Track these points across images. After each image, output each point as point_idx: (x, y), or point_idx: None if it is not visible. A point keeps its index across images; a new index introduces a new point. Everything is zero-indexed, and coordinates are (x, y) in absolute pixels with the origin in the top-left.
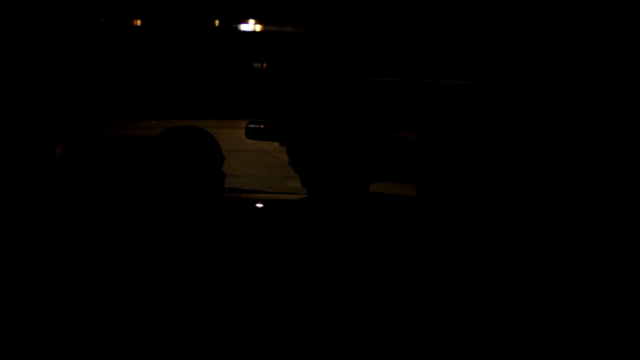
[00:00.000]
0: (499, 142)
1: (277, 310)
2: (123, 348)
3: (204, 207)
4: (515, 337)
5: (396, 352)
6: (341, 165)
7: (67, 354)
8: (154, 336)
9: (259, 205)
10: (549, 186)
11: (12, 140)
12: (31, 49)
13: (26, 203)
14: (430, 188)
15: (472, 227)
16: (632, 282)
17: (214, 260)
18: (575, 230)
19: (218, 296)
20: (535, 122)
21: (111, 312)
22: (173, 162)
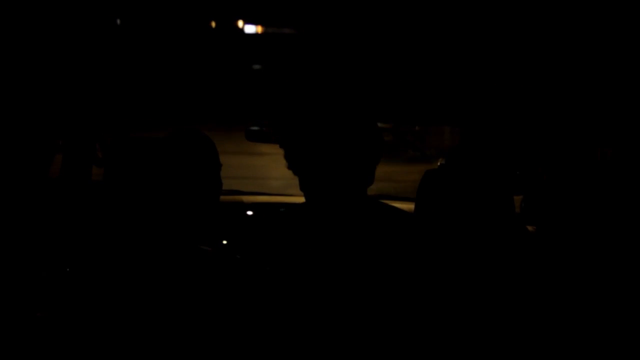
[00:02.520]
0: (498, 146)
1: (274, 314)
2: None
3: (197, 212)
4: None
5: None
6: (337, 168)
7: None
8: (154, 339)
9: (258, 209)
10: (548, 189)
11: (10, 145)
12: (32, 51)
13: (25, 208)
14: (430, 190)
15: (470, 230)
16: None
17: (206, 267)
18: (573, 230)
19: (212, 302)
20: (536, 123)
21: (110, 316)
22: (170, 165)
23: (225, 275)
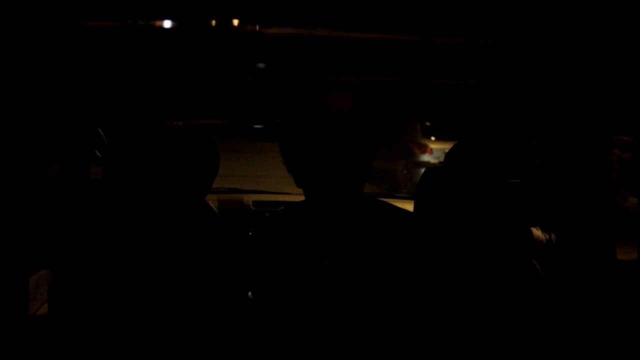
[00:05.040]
0: (498, 147)
1: (275, 313)
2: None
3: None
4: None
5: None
6: (334, 165)
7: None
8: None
9: (259, 206)
10: (548, 191)
11: (10, 144)
12: (32, 49)
13: (25, 208)
14: (430, 189)
15: (469, 228)
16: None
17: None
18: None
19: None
20: (537, 123)
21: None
22: (169, 163)
23: (225, 272)
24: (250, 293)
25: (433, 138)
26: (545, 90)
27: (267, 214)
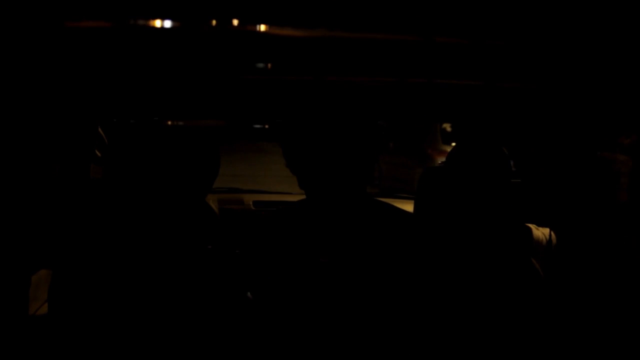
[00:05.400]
0: (499, 147)
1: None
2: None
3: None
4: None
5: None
6: (336, 166)
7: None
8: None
9: (260, 207)
10: (549, 190)
11: (12, 142)
12: (31, 50)
13: (25, 207)
14: (429, 189)
15: (468, 228)
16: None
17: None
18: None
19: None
20: (538, 124)
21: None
22: (170, 163)
23: (224, 271)
24: (249, 293)
25: (454, 144)
26: (547, 91)
27: (265, 214)
